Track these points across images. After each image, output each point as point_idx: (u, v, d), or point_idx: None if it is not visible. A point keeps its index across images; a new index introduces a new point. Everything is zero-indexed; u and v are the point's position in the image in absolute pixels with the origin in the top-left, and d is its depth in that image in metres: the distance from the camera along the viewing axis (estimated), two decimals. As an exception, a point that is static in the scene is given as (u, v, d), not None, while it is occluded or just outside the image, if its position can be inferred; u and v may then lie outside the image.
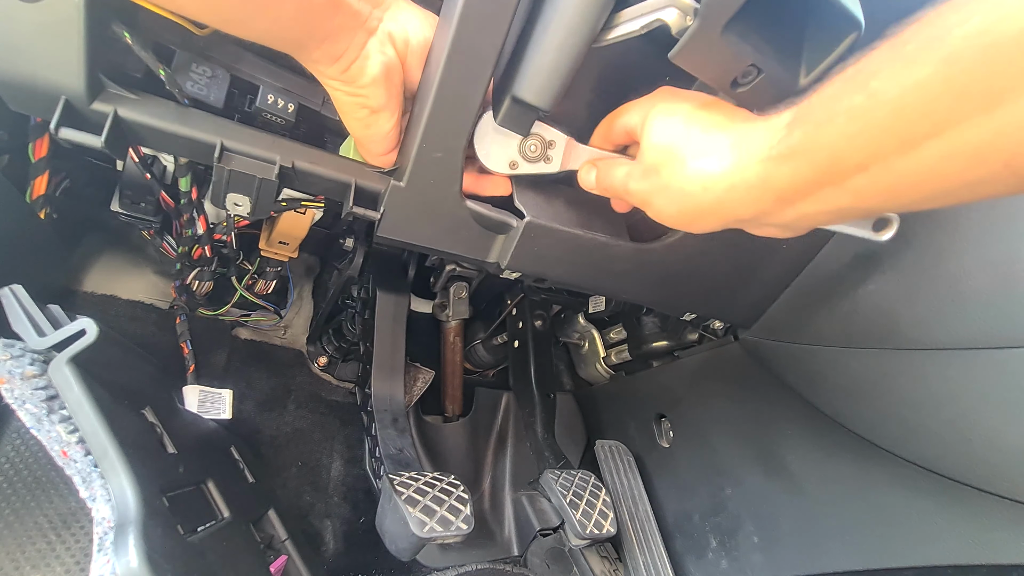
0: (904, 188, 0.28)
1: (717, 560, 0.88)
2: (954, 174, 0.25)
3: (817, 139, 0.29)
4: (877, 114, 0.26)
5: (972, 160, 0.24)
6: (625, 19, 0.42)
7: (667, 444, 1.03)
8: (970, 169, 0.25)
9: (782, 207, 0.34)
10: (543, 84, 0.43)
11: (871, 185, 0.28)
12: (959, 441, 0.55)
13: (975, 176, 0.25)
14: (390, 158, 0.52)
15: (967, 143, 0.24)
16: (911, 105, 0.25)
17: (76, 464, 0.48)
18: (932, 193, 0.27)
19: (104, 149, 0.42)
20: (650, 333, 1.04)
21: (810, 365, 0.71)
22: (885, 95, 0.26)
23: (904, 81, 0.25)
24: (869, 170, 0.28)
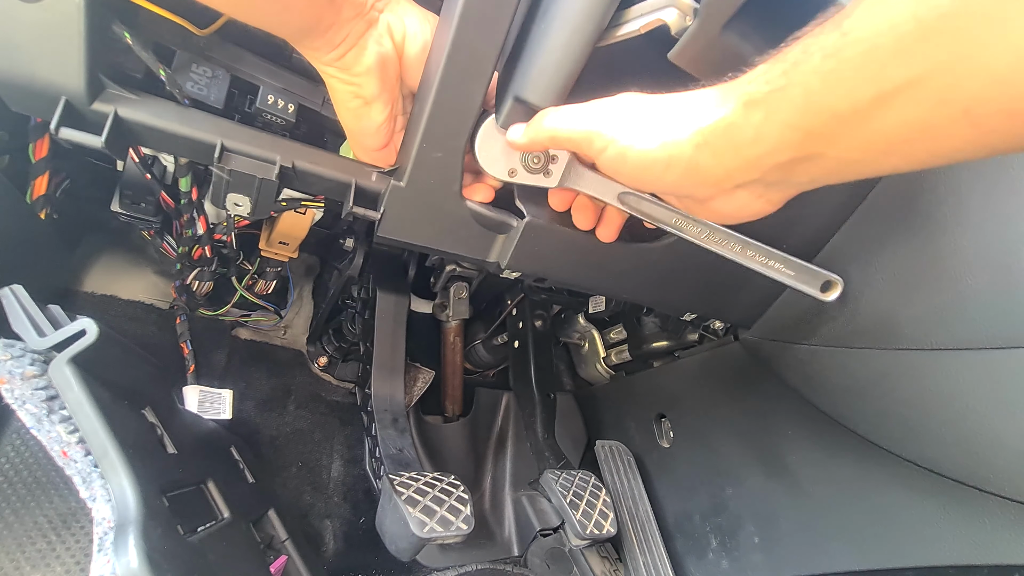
0: (871, 135, 0.28)
1: (717, 560, 0.88)
2: (919, 119, 0.26)
3: (791, 78, 0.29)
4: (848, 52, 0.26)
5: (938, 104, 0.25)
6: (629, 18, 0.41)
7: (667, 444, 1.03)
8: (934, 114, 0.25)
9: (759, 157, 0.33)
10: (547, 84, 0.43)
11: (843, 127, 0.28)
12: (959, 441, 0.55)
13: (937, 122, 0.25)
14: (382, 155, 0.52)
15: (936, 84, 0.24)
16: (883, 44, 0.25)
17: (76, 464, 0.48)
18: (897, 141, 0.27)
19: (104, 149, 0.42)
20: (650, 333, 1.04)
21: (810, 365, 0.70)
22: (858, 33, 0.26)
23: (877, 20, 0.25)
24: (842, 113, 0.28)
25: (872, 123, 0.27)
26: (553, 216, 0.55)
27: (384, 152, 0.52)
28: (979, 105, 0.24)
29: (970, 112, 0.24)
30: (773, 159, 0.32)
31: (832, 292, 0.53)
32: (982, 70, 0.23)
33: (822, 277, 0.53)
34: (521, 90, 0.44)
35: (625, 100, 0.40)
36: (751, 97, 0.31)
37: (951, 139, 0.26)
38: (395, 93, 0.49)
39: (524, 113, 0.46)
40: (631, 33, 0.42)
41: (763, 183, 0.35)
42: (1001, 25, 0.22)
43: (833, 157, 0.30)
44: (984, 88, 0.23)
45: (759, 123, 0.31)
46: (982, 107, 0.24)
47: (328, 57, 0.45)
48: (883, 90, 0.26)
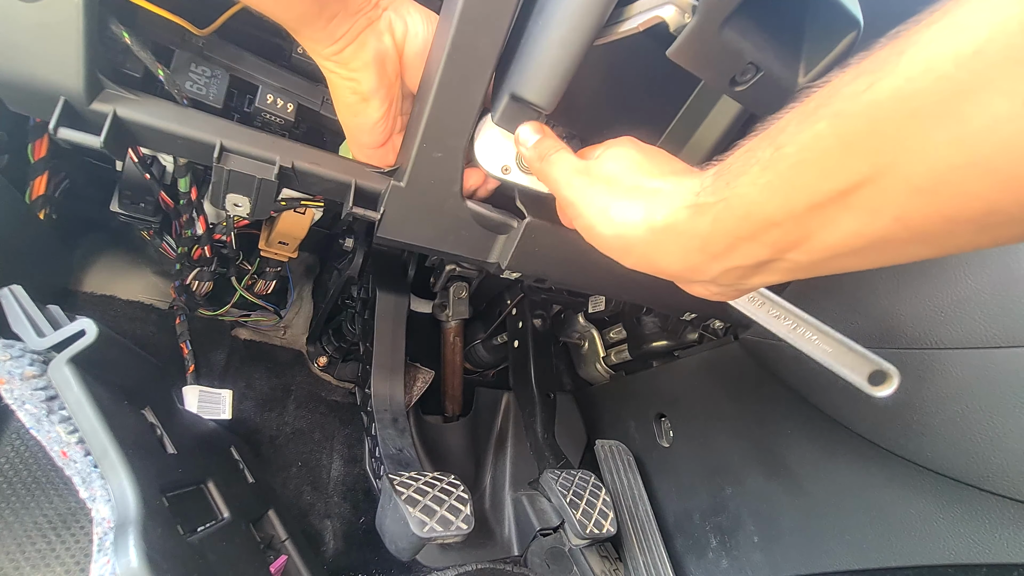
0: (816, 246, 0.28)
1: (717, 559, 0.88)
2: (855, 230, 0.26)
3: (734, 188, 0.30)
4: (781, 166, 0.27)
5: (870, 214, 0.25)
6: (627, 15, 0.41)
7: (667, 444, 1.03)
8: (870, 223, 0.25)
9: (708, 261, 0.34)
10: (543, 82, 0.43)
11: (785, 238, 0.29)
12: (958, 440, 0.55)
13: (876, 230, 0.26)
14: (379, 154, 0.52)
15: (863, 196, 0.25)
16: (808, 158, 0.26)
17: (76, 464, 0.48)
18: (843, 248, 0.28)
19: (103, 149, 0.42)
20: (650, 333, 1.04)
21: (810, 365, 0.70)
22: (788, 148, 0.27)
23: (803, 135, 0.26)
24: (782, 225, 0.28)
25: (814, 231, 0.28)
26: (554, 217, 0.55)
27: (381, 151, 0.52)
28: (910, 214, 0.24)
29: (903, 220, 0.24)
30: (722, 265, 0.33)
31: (885, 387, 0.44)
32: (904, 183, 0.23)
33: (872, 365, 0.45)
34: (517, 87, 0.44)
35: (604, 170, 0.40)
36: (699, 203, 0.32)
37: (897, 244, 0.26)
38: (394, 91, 0.49)
39: (520, 111, 0.46)
40: (630, 31, 0.41)
41: (717, 284, 0.36)
42: (918, 141, 0.22)
43: (783, 262, 0.31)
44: (911, 198, 0.23)
45: (706, 231, 0.32)
46: (914, 216, 0.24)
47: (327, 51, 0.45)
48: (815, 201, 0.26)
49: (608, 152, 0.42)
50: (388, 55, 0.46)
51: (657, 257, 0.36)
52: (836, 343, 0.46)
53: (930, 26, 0.21)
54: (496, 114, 0.46)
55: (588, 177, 0.41)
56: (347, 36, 0.44)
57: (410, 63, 0.48)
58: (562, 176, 0.43)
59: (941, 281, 0.55)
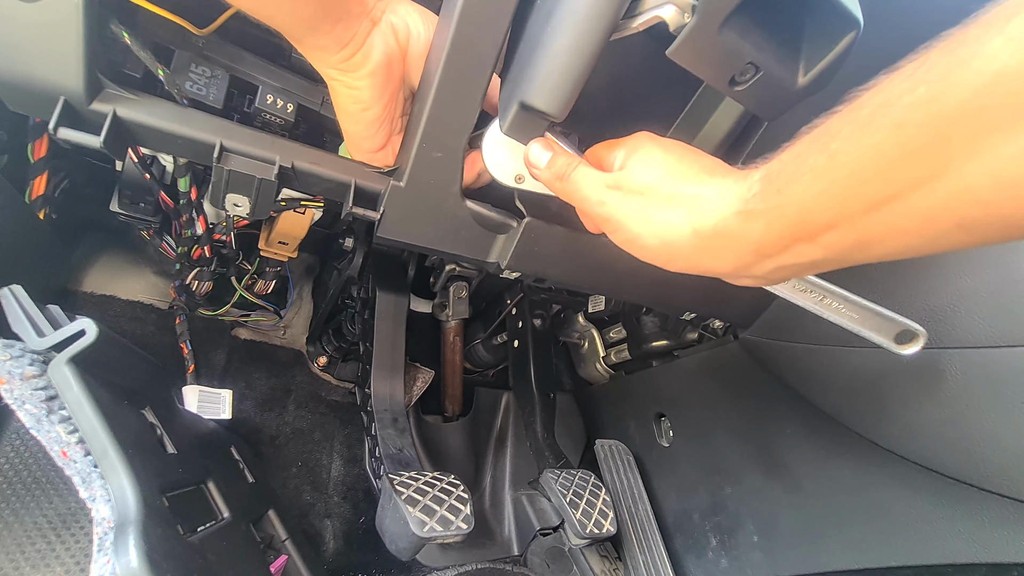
0: (871, 243, 0.29)
1: (717, 559, 0.88)
2: (913, 231, 0.27)
3: (787, 196, 0.31)
4: (837, 175, 0.28)
5: (928, 220, 0.26)
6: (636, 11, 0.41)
7: (667, 443, 1.03)
8: (927, 227, 0.26)
9: (759, 260, 0.35)
10: (554, 89, 0.41)
11: (841, 240, 0.30)
12: (958, 439, 0.55)
13: (933, 232, 0.27)
14: (379, 157, 0.52)
15: (922, 204, 0.26)
16: (867, 167, 0.26)
17: (76, 464, 0.48)
18: (897, 248, 0.29)
19: (103, 149, 0.42)
20: (650, 333, 1.04)
21: (810, 364, 0.71)
22: (844, 156, 0.27)
23: (861, 144, 0.27)
24: (838, 227, 0.29)
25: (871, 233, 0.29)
26: (553, 216, 0.55)
27: (381, 154, 0.52)
28: (970, 219, 0.25)
29: (963, 225, 0.25)
30: (774, 263, 0.34)
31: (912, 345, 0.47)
32: (967, 193, 0.24)
33: (898, 327, 0.47)
34: (527, 96, 0.42)
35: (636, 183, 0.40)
36: (749, 209, 0.33)
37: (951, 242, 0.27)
38: (396, 95, 0.49)
39: (530, 120, 0.44)
40: (631, 30, 0.41)
41: (767, 279, 0.37)
42: (986, 153, 0.23)
43: (831, 259, 0.32)
44: (972, 207, 0.24)
45: (759, 235, 0.33)
46: (973, 220, 0.25)
47: (335, 58, 0.44)
48: (870, 204, 0.27)
49: (634, 159, 0.41)
50: (395, 58, 0.46)
51: (707, 261, 0.37)
52: (862, 309, 0.48)
53: (993, 37, 0.22)
54: (505, 124, 0.45)
55: (620, 191, 0.41)
56: (354, 41, 0.44)
57: (413, 63, 0.48)
58: (592, 194, 0.43)
59: (940, 281, 0.55)
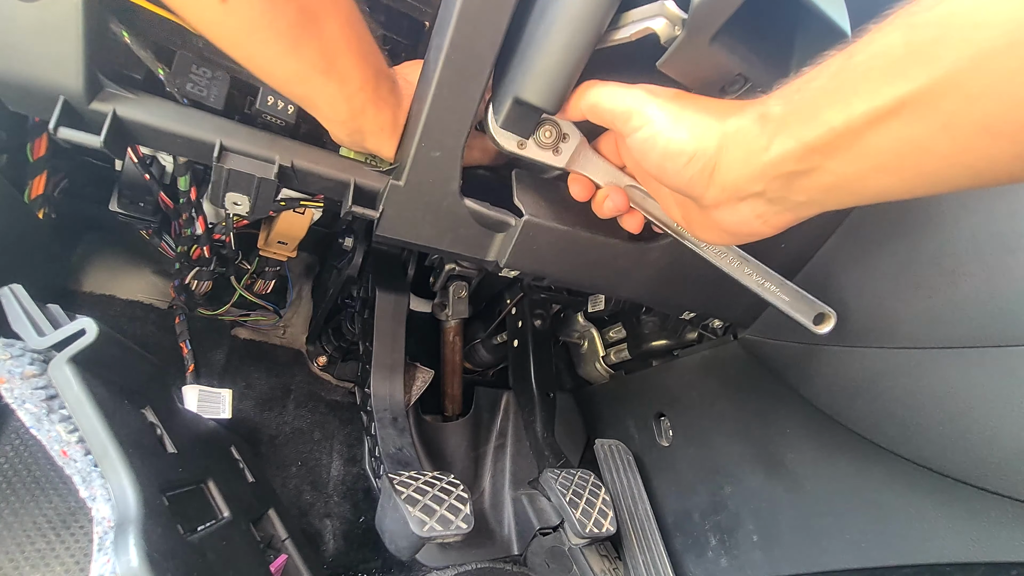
0: (861, 148, 0.30)
1: (717, 558, 0.88)
2: (903, 135, 0.28)
3: (803, 94, 0.32)
4: (848, 73, 0.30)
5: (918, 122, 0.28)
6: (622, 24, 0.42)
7: (666, 443, 1.03)
8: (915, 131, 0.28)
9: (766, 167, 0.35)
10: (547, 85, 0.43)
11: (840, 143, 0.31)
12: (957, 439, 0.55)
13: (919, 140, 0.28)
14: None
15: (915, 103, 0.27)
16: (876, 65, 0.29)
17: (76, 464, 0.48)
18: (884, 158, 0.30)
19: (103, 149, 0.42)
20: (650, 332, 1.04)
21: (809, 364, 0.71)
22: (858, 56, 0.30)
23: (874, 44, 0.29)
24: (838, 131, 0.30)
25: (864, 139, 0.30)
26: (552, 214, 0.55)
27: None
28: (956, 120, 0.26)
29: (948, 127, 0.27)
30: (777, 170, 0.34)
31: (825, 325, 0.53)
32: (957, 90, 0.25)
33: (816, 308, 0.53)
34: (521, 91, 0.43)
35: (664, 92, 0.42)
36: (768, 111, 0.34)
37: (935, 157, 0.28)
38: None
39: (524, 114, 0.45)
40: (623, 39, 0.42)
41: (765, 198, 0.37)
42: (983, 47, 0.24)
43: (829, 171, 0.32)
44: (959, 106, 0.26)
45: (771, 134, 0.34)
46: (959, 122, 0.26)
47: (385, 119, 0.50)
48: (874, 107, 0.29)
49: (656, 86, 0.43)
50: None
51: (721, 163, 0.37)
52: (792, 291, 0.53)
53: None
54: (500, 118, 0.46)
55: (650, 93, 0.42)
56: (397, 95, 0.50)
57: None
58: (617, 93, 0.43)
59: (939, 281, 0.55)
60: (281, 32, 0.39)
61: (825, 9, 0.39)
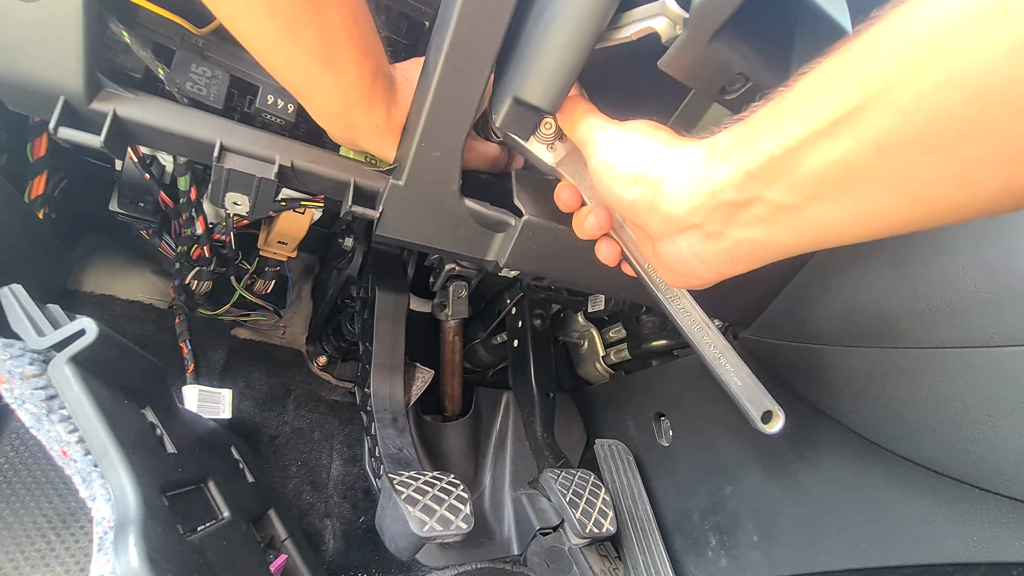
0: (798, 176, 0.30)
1: (716, 558, 0.88)
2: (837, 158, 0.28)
3: (747, 124, 0.33)
4: (786, 98, 0.31)
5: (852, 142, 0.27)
6: (622, 23, 0.42)
7: (666, 443, 1.03)
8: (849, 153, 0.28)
9: (707, 198, 0.35)
10: (546, 85, 0.42)
11: (778, 169, 0.31)
12: (958, 439, 0.55)
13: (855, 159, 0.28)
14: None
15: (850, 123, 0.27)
16: (811, 90, 0.29)
17: (76, 464, 0.48)
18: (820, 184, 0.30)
19: (103, 149, 0.42)
20: (649, 332, 1.04)
21: (809, 364, 0.71)
22: (797, 83, 0.31)
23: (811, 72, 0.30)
24: (777, 157, 0.31)
25: (800, 163, 0.30)
26: (551, 214, 0.55)
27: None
28: (889, 139, 0.26)
29: (882, 146, 0.26)
30: (716, 199, 0.34)
31: (773, 424, 0.49)
32: (888, 106, 0.25)
33: (767, 405, 0.50)
34: (520, 91, 0.43)
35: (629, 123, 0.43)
36: (715, 143, 0.35)
37: (871, 181, 0.28)
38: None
39: (523, 114, 0.45)
40: (624, 39, 0.42)
41: (704, 231, 0.37)
42: (910, 63, 0.24)
43: (767, 201, 0.32)
44: (892, 122, 0.25)
45: (714, 163, 0.35)
46: (892, 140, 0.26)
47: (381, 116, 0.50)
48: (810, 130, 0.29)
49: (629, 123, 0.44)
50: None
51: (662, 191, 0.38)
52: (748, 376, 0.50)
53: None
54: (499, 118, 0.46)
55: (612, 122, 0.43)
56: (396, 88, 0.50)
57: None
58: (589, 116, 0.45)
59: (939, 281, 0.55)
60: (280, 12, 0.39)
61: (826, 7, 0.39)
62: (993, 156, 0.23)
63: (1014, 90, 0.22)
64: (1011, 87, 0.22)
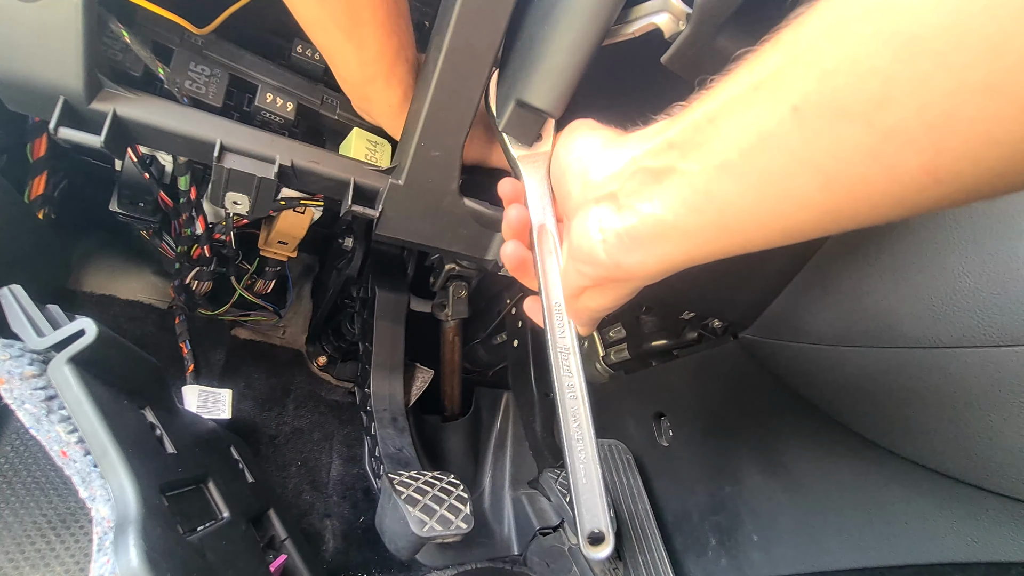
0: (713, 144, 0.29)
1: (716, 558, 0.88)
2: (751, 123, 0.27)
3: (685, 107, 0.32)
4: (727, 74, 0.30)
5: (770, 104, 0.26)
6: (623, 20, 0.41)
7: (666, 443, 1.03)
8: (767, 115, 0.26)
9: (624, 160, 0.35)
10: (551, 87, 0.42)
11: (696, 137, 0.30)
12: (957, 439, 0.55)
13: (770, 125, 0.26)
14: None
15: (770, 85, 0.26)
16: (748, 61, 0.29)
17: (75, 464, 0.48)
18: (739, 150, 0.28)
19: (103, 149, 0.42)
20: (649, 332, 1.04)
21: (809, 364, 0.71)
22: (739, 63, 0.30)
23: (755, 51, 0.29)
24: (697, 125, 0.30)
25: (718, 131, 0.29)
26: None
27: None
28: (806, 101, 0.25)
29: (798, 110, 0.25)
30: (635, 164, 0.34)
31: (600, 549, 0.41)
32: (811, 66, 0.24)
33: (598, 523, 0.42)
34: (524, 93, 0.43)
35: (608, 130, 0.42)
36: (655, 126, 0.35)
37: (783, 152, 0.26)
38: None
39: (527, 117, 0.45)
40: (626, 36, 0.42)
41: (616, 202, 0.35)
42: (830, 23, 0.24)
43: (680, 172, 0.31)
44: (812, 83, 0.24)
45: (644, 137, 0.35)
46: (809, 103, 0.25)
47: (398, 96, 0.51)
48: (731, 95, 0.28)
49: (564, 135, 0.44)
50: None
51: (593, 161, 0.38)
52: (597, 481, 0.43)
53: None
54: (502, 121, 0.45)
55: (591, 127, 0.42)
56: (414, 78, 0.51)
57: None
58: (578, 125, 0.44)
59: (940, 280, 0.55)
60: None
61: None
62: (916, 123, 0.22)
63: (942, 39, 0.20)
64: (939, 35, 0.20)
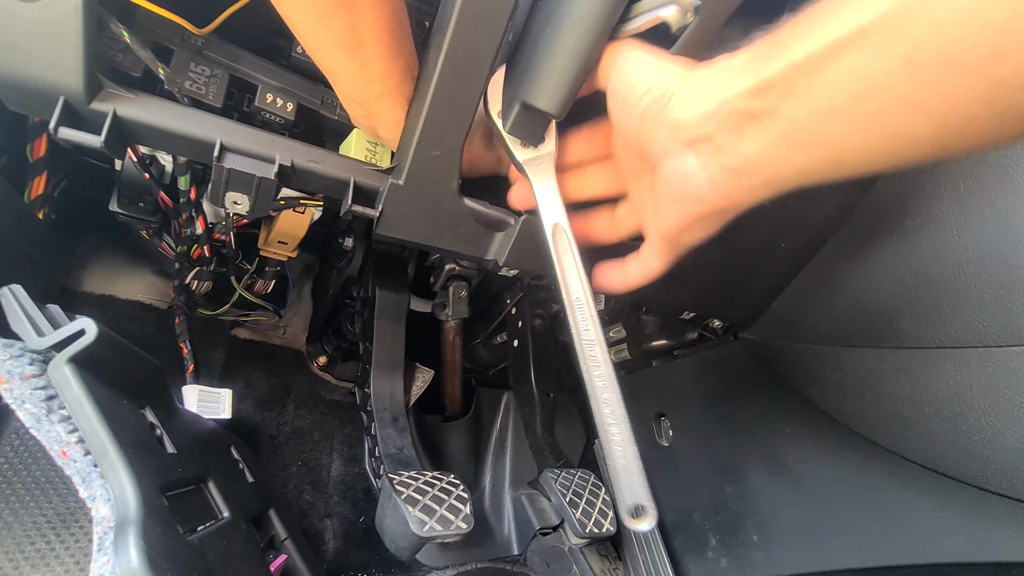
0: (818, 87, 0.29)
1: (717, 558, 0.88)
2: (862, 69, 0.26)
3: (773, 35, 0.31)
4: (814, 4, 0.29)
5: (879, 53, 0.26)
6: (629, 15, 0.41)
7: (667, 443, 1.03)
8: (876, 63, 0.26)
9: (721, 104, 0.33)
10: (554, 89, 0.42)
11: (797, 79, 0.29)
12: (958, 439, 0.55)
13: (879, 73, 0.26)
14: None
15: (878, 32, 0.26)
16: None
17: (75, 464, 0.48)
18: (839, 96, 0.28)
19: (103, 149, 0.42)
20: (649, 332, 1.04)
21: (810, 364, 0.71)
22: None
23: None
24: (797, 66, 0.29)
25: (823, 74, 0.28)
26: None
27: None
28: (919, 52, 0.24)
29: (910, 59, 0.24)
30: (731, 106, 0.33)
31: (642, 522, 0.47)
32: (924, 15, 0.23)
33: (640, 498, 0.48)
34: (528, 96, 0.43)
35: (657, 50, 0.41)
36: (733, 58, 0.34)
37: (894, 97, 0.26)
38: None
39: (532, 119, 0.45)
40: (632, 31, 0.41)
41: (714, 144, 0.35)
42: None
43: (783, 115, 0.30)
44: (925, 33, 0.24)
45: (732, 73, 0.33)
46: (921, 54, 0.24)
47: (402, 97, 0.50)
48: (836, 37, 0.27)
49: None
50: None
51: (675, 99, 0.36)
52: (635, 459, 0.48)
53: None
54: (507, 124, 0.46)
55: (642, 48, 0.41)
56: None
57: None
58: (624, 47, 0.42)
59: (940, 280, 0.55)
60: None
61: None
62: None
63: None
64: None
